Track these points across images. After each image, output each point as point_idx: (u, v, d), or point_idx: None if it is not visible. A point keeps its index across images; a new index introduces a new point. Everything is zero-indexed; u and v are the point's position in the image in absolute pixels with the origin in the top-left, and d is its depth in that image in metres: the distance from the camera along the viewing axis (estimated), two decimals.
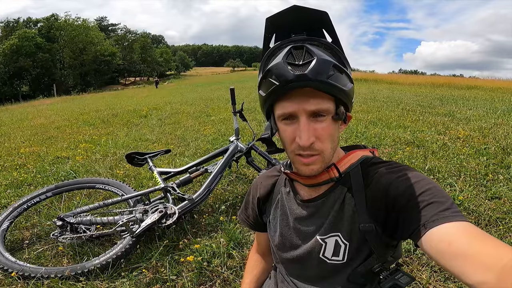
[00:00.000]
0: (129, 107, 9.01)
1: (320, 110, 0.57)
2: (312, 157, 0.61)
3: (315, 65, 0.53)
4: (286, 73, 0.54)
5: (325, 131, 0.59)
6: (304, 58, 0.55)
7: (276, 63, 0.56)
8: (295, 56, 0.55)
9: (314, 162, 0.61)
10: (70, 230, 1.74)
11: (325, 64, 0.54)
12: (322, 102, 0.57)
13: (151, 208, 1.79)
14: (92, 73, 46.29)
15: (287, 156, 0.68)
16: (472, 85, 13.68)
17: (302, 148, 0.59)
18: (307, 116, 0.57)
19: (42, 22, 43.98)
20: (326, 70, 0.54)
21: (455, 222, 0.49)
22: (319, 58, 0.54)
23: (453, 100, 7.80)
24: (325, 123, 0.59)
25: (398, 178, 0.59)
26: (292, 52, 0.56)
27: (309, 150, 0.59)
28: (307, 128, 0.57)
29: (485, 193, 2.18)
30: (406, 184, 0.57)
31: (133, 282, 1.46)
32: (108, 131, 5.59)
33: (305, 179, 0.69)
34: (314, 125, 0.58)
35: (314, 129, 0.58)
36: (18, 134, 5.85)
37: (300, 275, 0.78)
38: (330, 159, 0.64)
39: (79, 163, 3.43)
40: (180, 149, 3.87)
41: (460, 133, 3.86)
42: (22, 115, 10.30)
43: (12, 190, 2.66)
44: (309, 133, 0.57)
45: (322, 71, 0.54)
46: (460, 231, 0.47)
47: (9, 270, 1.51)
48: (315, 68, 0.53)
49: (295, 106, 0.57)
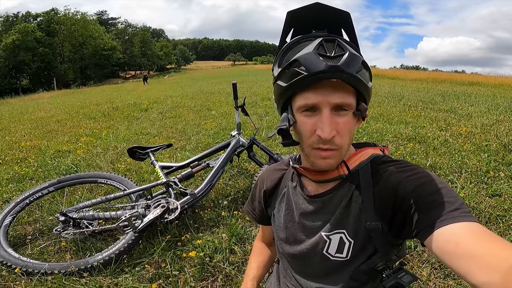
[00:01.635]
0: (130, 101, 8.98)
1: (344, 104, 0.57)
2: (330, 151, 0.60)
3: (347, 58, 0.53)
4: (318, 64, 0.53)
5: (346, 126, 0.59)
6: (335, 50, 0.55)
7: (305, 53, 0.55)
8: (326, 48, 0.55)
9: (331, 156, 0.61)
10: (72, 225, 1.75)
11: (356, 58, 0.55)
12: (347, 96, 0.57)
13: (153, 203, 1.79)
14: (92, 67, 46.29)
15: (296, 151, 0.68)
16: (474, 81, 13.62)
17: (323, 142, 0.58)
18: (330, 108, 0.57)
19: (41, 16, 43.65)
20: (356, 64, 0.55)
21: (463, 222, 0.49)
22: (351, 52, 0.54)
23: (455, 96, 7.77)
24: (347, 118, 0.59)
25: (407, 177, 0.59)
26: (323, 44, 0.55)
27: (329, 144, 0.59)
28: (330, 121, 0.57)
29: (486, 190, 2.18)
30: (415, 184, 0.57)
31: (135, 277, 1.47)
32: (108, 124, 5.58)
33: (314, 174, 0.68)
34: (336, 119, 0.58)
35: (336, 123, 0.58)
36: (18, 128, 5.86)
37: (302, 271, 0.79)
38: (345, 155, 0.64)
39: (80, 156, 3.44)
40: (181, 143, 3.87)
41: (462, 129, 3.85)
42: (22, 108, 10.30)
43: (13, 185, 2.67)
44: (332, 126, 0.57)
45: (353, 65, 0.54)
46: (467, 232, 0.47)
47: (12, 266, 1.52)
48: (347, 61, 0.53)
49: (320, 98, 0.56)
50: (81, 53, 44.75)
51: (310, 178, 0.71)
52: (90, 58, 45.40)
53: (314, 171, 0.67)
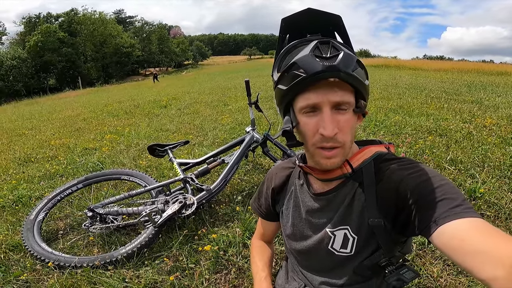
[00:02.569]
0: (150, 98, 9.23)
1: (343, 102, 0.59)
2: (334, 150, 0.62)
3: (342, 58, 0.56)
4: (315, 65, 0.56)
5: (347, 123, 0.61)
6: (331, 51, 0.58)
7: (302, 56, 0.58)
8: (321, 50, 0.58)
9: (336, 155, 0.63)
10: (99, 220, 1.86)
11: (351, 58, 0.58)
12: (345, 95, 0.59)
13: (171, 199, 1.88)
14: (113, 65, 47.63)
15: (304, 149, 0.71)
16: (503, 71, 12.75)
17: (326, 140, 0.60)
18: (331, 107, 0.59)
19: (62, 16, 45.14)
20: (352, 63, 0.57)
21: (467, 218, 0.50)
22: (345, 52, 0.57)
23: (482, 87, 7.36)
24: (347, 115, 0.61)
25: (409, 174, 0.60)
26: (318, 46, 0.59)
27: (332, 141, 0.61)
28: (331, 119, 0.59)
29: (508, 185, 2.10)
30: (418, 181, 0.58)
31: (155, 270, 1.55)
32: (130, 122, 5.79)
33: (319, 173, 0.71)
34: (337, 117, 0.60)
35: (337, 121, 0.60)
36: (48, 127, 6.19)
37: (308, 266, 0.82)
38: (349, 152, 0.66)
39: (105, 154, 3.61)
40: (198, 139, 3.96)
41: (487, 121, 3.68)
42: (51, 107, 10.84)
43: (45, 182, 2.86)
44: (333, 124, 0.59)
45: (348, 64, 0.57)
46: (472, 227, 0.48)
47: (46, 260, 1.60)
48: (342, 60, 0.56)
49: (320, 97, 0.59)
50: (102, 52, 46.08)
51: (315, 176, 0.73)
52: (111, 57, 46.70)
53: (319, 170, 0.70)
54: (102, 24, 45.29)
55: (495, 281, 0.42)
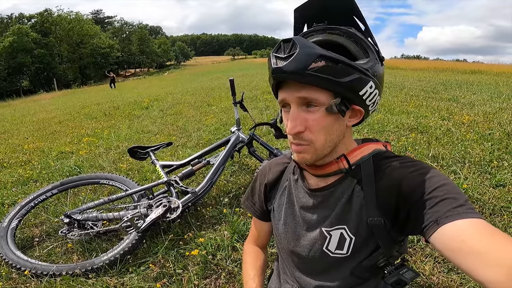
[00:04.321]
0: (130, 99, 8.97)
1: (308, 98, 0.57)
2: (302, 146, 0.62)
3: (295, 57, 0.54)
4: (270, 65, 0.58)
5: (316, 122, 0.59)
6: (289, 50, 0.55)
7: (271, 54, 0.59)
8: (283, 49, 0.57)
9: (304, 151, 0.62)
10: (77, 227, 1.77)
11: (308, 56, 0.53)
12: (313, 92, 0.57)
13: (155, 203, 1.80)
14: (91, 66, 46.37)
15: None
16: (476, 69, 13.45)
17: (292, 136, 0.61)
18: (297, 104, 0.59)
19: (35, 17, 43.54)
20: (308, 62, 0.53)
21: (468, 219, 0.49)
22: (302, 50, 0.54)
23: (457, 85, 7.67)
24: (317, 114, 0.58)
25: (411, 173, 0.59)
26: (281, 45, 0.57)
27: (298, 139, 0.61)
28: (295, 117, 0.59)
29: (489, 181, 2.16)
30: (419, 180, 0.56)
31: (141, 277, 1.49)
32: (110, 124, 5.59)
33: (313, 168, 0.68)
34: (305, 115, 0.59)
35: (305, 119, 0.59)
36: (21, 130, 5.88)
37: (301, 268, 0.78)
38: (325, 151, 0.63)
39: (82, 157, 3.46)
40: (182, 140, 3.87)
41: (464, 118, 3.81)
42: (24, 110, 10.33)
43: (18, 188, 2.69)
44: (296, 121, 0.59)
45: (302, 63, 0.53)
46: (473, 229, 0.47)
47: (22, 269, 1.53)
48: (294, 60, 0.54)
49: (286, 94, 0.60)
50: (79, 53, 44.73)
51: (310, 171, 0.71)
52: (88, 58, 45.42)
53: (314, 165, 0.67)
54: (78, 23, 43.98)
55: (494, 284, 0.41)
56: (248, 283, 0.86)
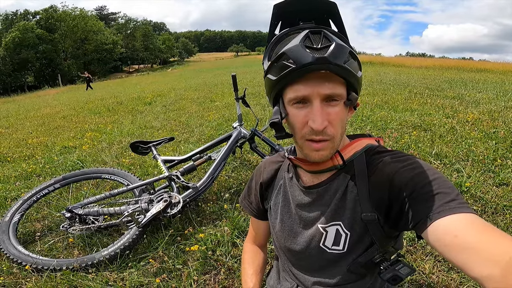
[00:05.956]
0: (134, 95, 9.00)
1: (334, 94, 0.57)
2: (323, 143, 0.60)
3: (333, 49, 0.53)
4: (305, 56, 0.53)
5: (338, 116, 0.59)
6: (322, 42, 0.55)
7: (291, 46, 0.55)
8: (312, 40, 0.55)
9: (324, 147, 0.61)
10: (79, 221, 1.77)
11: (343, 49, 0.55)
12: (336, 87, 0.57)
13: (156, 198, 1.81)
14: (95, 62, 46.63)
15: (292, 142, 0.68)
16: (482, 68, 13.33)
17: (315, 133, 0.59)
18: (321, 100, 0.57)
19: (40, 14, 43.76)
20: (344, 55, 0.54)
21: (461, 214, 0.48)
22: (337, 43, 0.54)
23: (462, 83, 7.59)
24: (338, 108, 0.59)
25: (403, 167, 0.58)
26: (309, 36, 0.55)
27: (322, 134, 0.59)
28: (321, 112, 0.57)
29: (493, 179, 2.14)
30: (411, 174, 0.56)
31: (141, 272, 1.49)
32: (113, 119, 5.61)
33: (309, 165, 0.68)
34: (327, 110, 0.58)
35: (328, 114, 0.58)
36: (25, 125, 5.93)
37: (299, 265, 0.79)
38: (339, 145, 0.64)
39: (85, 152, 3.48)
40: (184, 136, 3.88)
41: (469, 116, 3.77)
42: (28, 105, 10.41)
43: (21, 182, 2.72)
44: (323, 117, 0.57)
45: (340, 56, 0.54)
46: (466, 223, 0.47)
47: (23, 263, 1.53)
48: (333, 51, 0.53)
49: (309, 90, 0.57)
50: (83, 49, 45.01)
51: (305, 169, 0.71)
52: (92, 54, 45.68)
53: (308, 162, 0.67)
54: (82, 20, 44.15)
55: (488, 280, 0.41)
56: (246, 282, 0.88)
